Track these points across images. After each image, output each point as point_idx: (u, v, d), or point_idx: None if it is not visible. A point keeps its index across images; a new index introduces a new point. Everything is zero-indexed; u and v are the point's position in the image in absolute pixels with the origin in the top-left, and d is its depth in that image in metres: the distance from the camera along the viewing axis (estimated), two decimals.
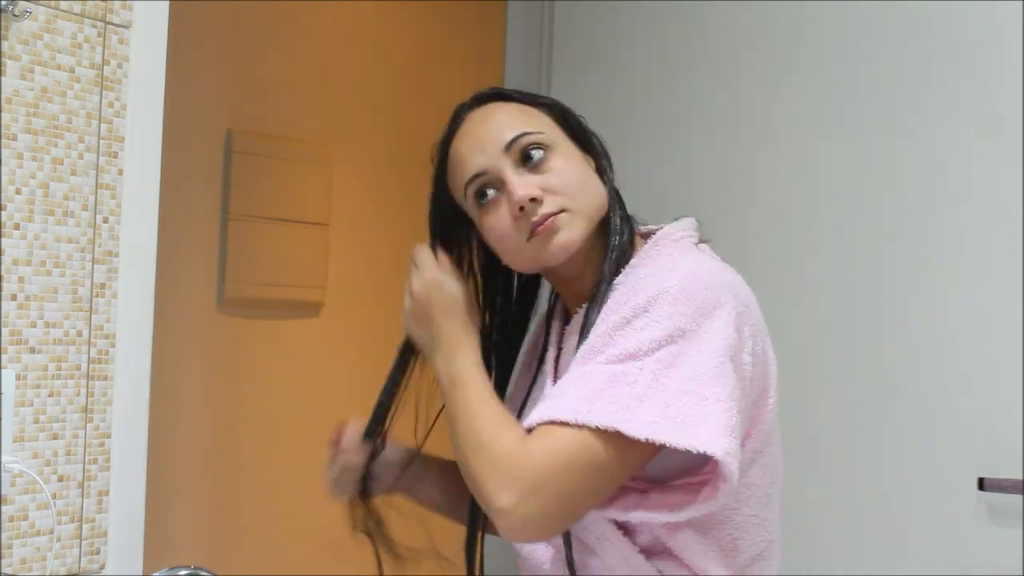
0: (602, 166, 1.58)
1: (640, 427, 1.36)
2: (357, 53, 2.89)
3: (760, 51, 2.61)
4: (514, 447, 1.40)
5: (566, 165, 1.52)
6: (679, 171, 2.68)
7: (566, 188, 1.50)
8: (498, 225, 1.52)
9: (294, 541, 2.71)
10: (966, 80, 2.35)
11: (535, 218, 1.49)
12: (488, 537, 1.65)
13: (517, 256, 1.54)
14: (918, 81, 2.41)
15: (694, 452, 1.36)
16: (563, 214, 1.50)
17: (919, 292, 2.38)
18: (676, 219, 1.61)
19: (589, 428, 1.37)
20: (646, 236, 1.61)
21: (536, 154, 1.51)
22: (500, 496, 1.38)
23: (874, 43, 2.47)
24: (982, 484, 2.26)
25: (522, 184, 1.49)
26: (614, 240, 1.54)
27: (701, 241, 1.59)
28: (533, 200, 1.49)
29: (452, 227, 1.60)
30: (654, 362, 1.39)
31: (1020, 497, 2.23)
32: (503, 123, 1.53)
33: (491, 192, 1.52)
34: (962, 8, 2.36)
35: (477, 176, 1.53)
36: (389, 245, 2.93)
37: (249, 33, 2.65)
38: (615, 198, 1.57)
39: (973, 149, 2.34)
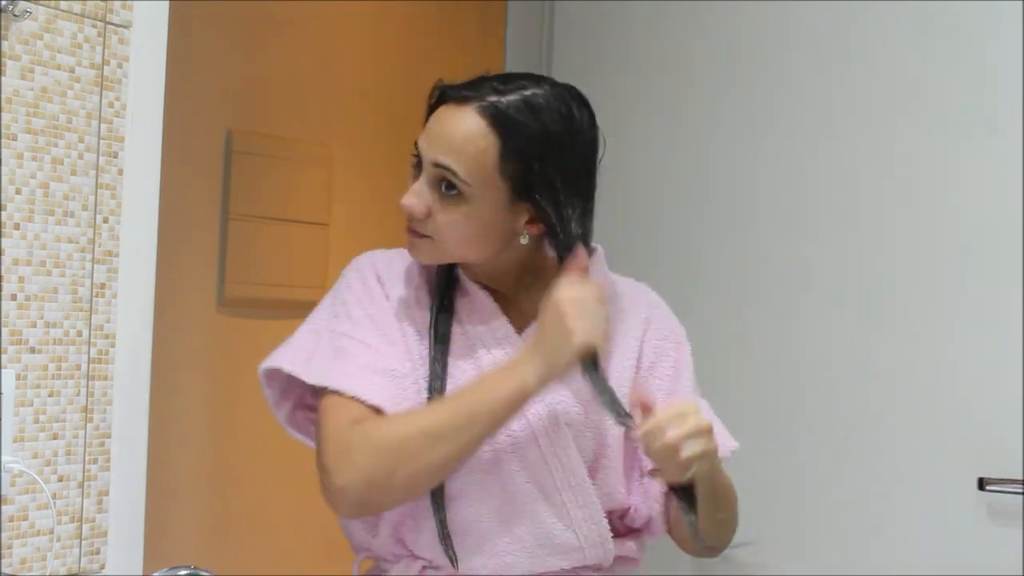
0: (548, 218, 1.57)
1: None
2: (357, 53, 2.88)
3: (759, 52, 2.60)
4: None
5: (463, 220, 1.57)
6: (679, 171, 2.68)
7: (443, 233, 1.58)
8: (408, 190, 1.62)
9: (294, 541, 2.71)
10: (966, 81, 2.35)
11: (408, 223, 1.61)
12: None
13: None
14: (918, 81, 2.41)
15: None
16: (425, 240, 1.60)
17: (919, 292, 2.38)
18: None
19: None
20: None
21: (446, 187, 1.57)
22: None
23: (874, 44, 2.46)
24: (982, 484, 2.26)
25: (414, 194, 1.58)
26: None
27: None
28: (411, 214, 1.59)
29: None
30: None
31: (1020, 497, 2.23)
32: (446, 139, 1.57)
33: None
34: (962, 8, 2.36)
35: (417, 148, 1.61)
36: (389, 245, 2.92)
37: (249, 33, 2.65)
38: (549, 233, 1.60)
39: (973, 149, 2.34)
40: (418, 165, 1.60)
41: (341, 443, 1.55)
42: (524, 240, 1.60)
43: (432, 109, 1.63)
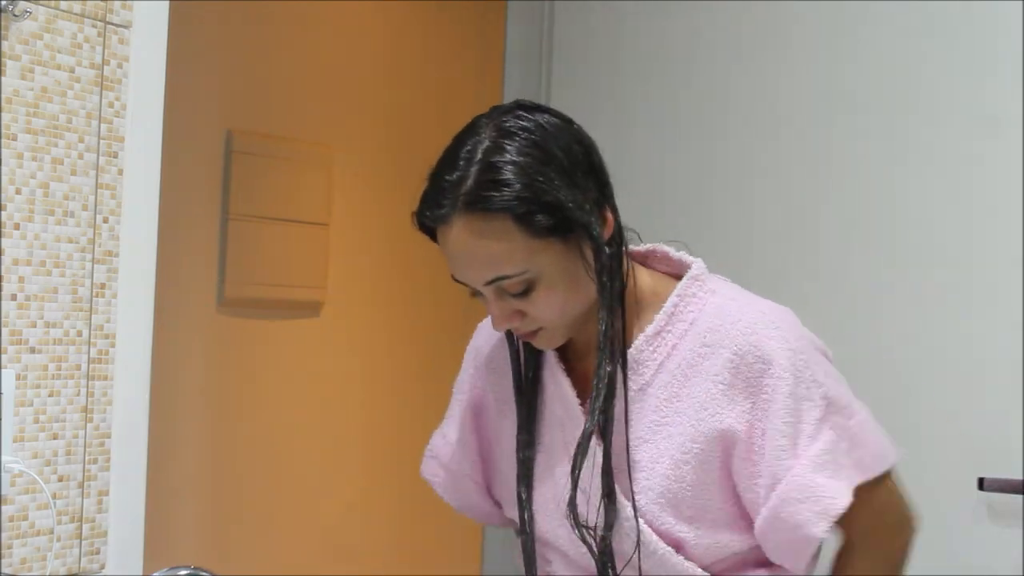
0: (587, 232, 1.47)
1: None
2: (357, 53, 2.89)
3: (759, 52, 2.61)
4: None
5: (550, 298, 1.47)
6: (679, 172, 2.68)
7: (544, 319, 1.49)
8: (487, 311, 1.53)
9: (294, 541, 2.72)
10: (965, 81, 2.35)
11: (515, 333, 1.53)
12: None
13: None
14: (918, 81, 2.41)
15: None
16: (540, 331, 1.51)
17: (919, 292, 2.38)
18: (664, 245, 1.62)
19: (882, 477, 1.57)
20: (648, 260, 1.62)
21: (515, 293, 1.47)
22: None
23: (874, 44, 2.46)
24: (982, 484, 2.26)
25: (498, 317, 1.49)
26: (603, 327, 1.50)
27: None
28: (506, 328, 1.52)
29: None
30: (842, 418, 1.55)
31: (1020, 497, 2.23)
32: (480, 260, 1.46)
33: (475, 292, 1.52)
34: (962, 8, 2.36)
35: (461, 282, 1.51)
36: (389, 245, 2.93)
37: (249, 33, 2.65)
38: (607, 260, 1.50)
39: (973, 149, 2.34)
40: (475, 294, 1.52)
41: None
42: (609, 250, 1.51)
43: (431, 235, 1.50)
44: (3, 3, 1.58)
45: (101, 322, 1.72)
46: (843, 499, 1.48)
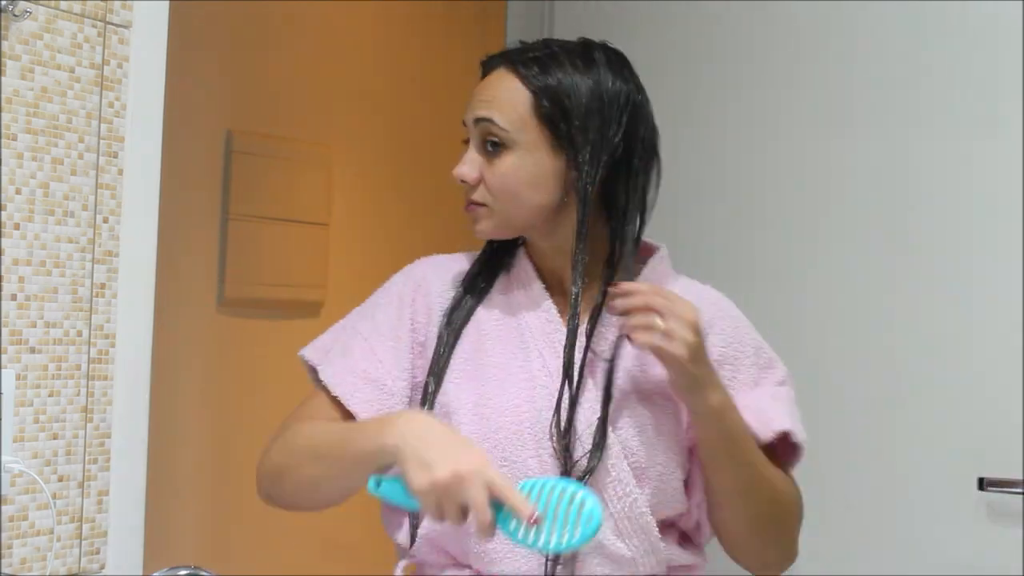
0: (581, 166, 1.56)
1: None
2: (357, 53, 2.89)
3: (759, 52, 2.61)
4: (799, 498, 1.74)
5: (511, 170, 1.56)
6: (679, 172, 2.68)
7: (495, 191, 1.57)
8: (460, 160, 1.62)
9: (294, 541, 2.71)
10: (965, 81, 2.35)
11: (466, 195, 1.59)
12: None
13: None
14: (918, 82, 2.41)
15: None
16: (483, 208, 1.58)
17: (919, 292, 2.38)
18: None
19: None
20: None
21: (490, 145, 1.57)
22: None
23: (874, 44, 2.46)
24: (982, 484, 2.26)
25: (465, 162, 1.58)
26: (580, 256, 1.56)
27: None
28: (464, 181, 1.58)
29: None
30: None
31: (1020, 497, 2.23)
32: (485, 98, 1.58)
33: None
34: (962, 8, 2.36)
35: (464, 122, 1.61)
36: (389, 245, 2.93)
37: (249, 33, 2.65)
38: (590, 204, 1.58)
39: (973, 149, 2.34)
40: (467, 141, 1.61)
41: (278, 431, 1.62)
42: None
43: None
44: (3, 3, 1.58)
45: (101, 322, 1.72)
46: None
